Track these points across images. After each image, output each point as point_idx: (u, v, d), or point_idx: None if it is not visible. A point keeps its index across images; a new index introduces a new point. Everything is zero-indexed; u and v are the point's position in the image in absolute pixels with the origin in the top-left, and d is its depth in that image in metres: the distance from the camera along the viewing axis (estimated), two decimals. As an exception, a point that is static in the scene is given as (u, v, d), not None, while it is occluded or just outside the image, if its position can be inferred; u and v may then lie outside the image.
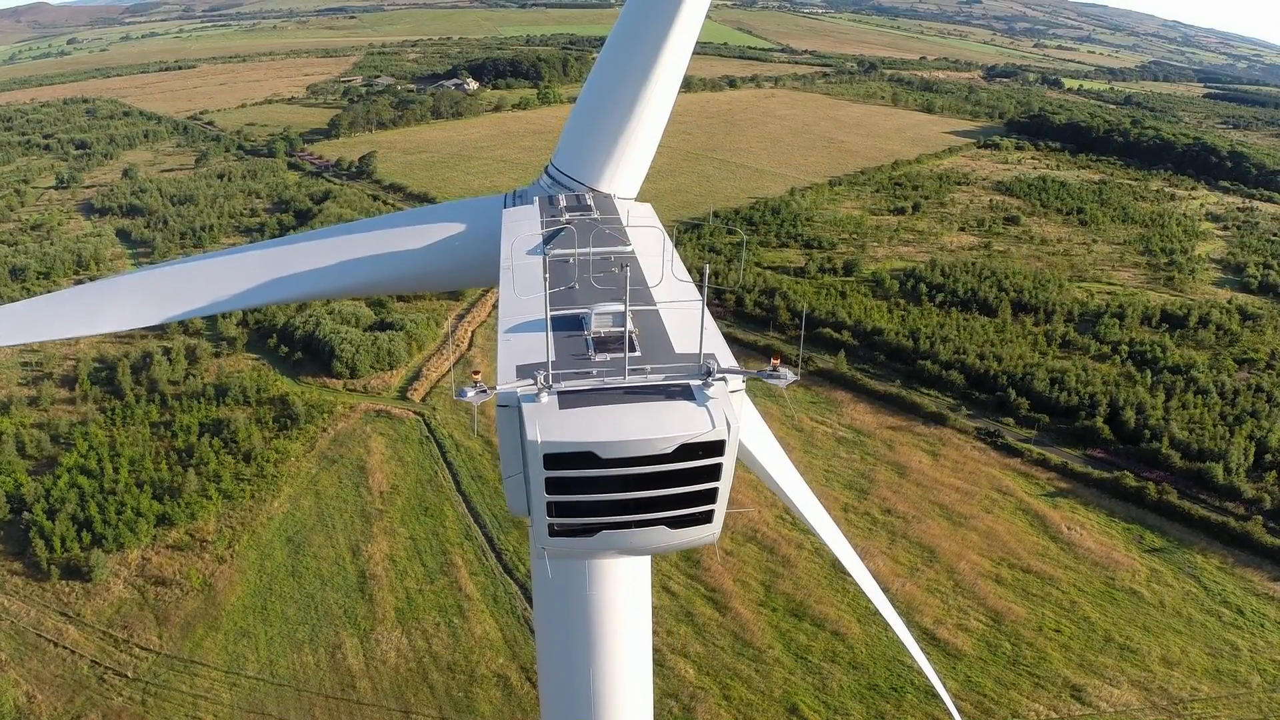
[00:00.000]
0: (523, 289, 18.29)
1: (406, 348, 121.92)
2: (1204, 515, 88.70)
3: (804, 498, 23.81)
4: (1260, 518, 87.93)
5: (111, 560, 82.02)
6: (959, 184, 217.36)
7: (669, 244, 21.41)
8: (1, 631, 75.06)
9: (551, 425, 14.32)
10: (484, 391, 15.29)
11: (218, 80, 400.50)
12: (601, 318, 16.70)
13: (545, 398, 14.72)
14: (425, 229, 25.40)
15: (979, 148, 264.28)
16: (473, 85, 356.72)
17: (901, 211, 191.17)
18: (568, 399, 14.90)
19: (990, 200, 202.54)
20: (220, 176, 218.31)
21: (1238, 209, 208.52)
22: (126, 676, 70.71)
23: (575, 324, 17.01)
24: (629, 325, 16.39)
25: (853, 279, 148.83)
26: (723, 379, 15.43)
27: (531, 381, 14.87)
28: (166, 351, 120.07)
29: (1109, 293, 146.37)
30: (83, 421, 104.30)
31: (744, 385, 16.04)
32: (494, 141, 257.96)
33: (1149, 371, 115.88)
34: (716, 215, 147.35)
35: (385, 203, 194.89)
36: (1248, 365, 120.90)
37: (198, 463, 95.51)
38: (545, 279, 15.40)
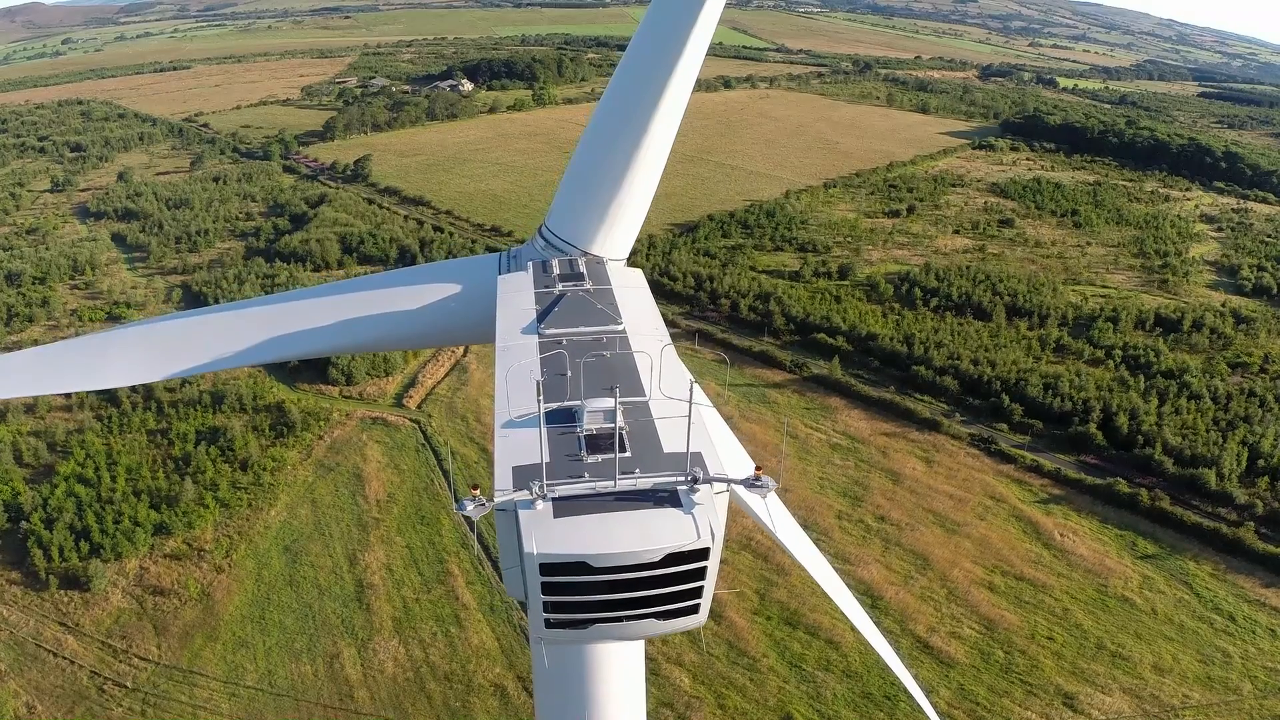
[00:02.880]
0: (517, 376, 18.82)
1: (402, 354, 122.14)
2: (1196, 522, 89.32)
3: (796, 538, 24.34)
4: (1252, 524, 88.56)
5: (110, 570, 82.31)
6: (954, 186, 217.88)
7: (661, 325, 21.87)
8: (1, 642, 75.39)
9: (546, 536, 15.10)
10: (483, 505, 16.00)
11: (213, 81, 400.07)
12: (593, 415, 17.28)
13: (540, 505, 15.47)
14: (422, 289, 25.95)
15: (974, 149, 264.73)
16: (468, 86, 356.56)
17: (896, 214, 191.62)
18: (562, 506, 15.61)
19: (985, 202, 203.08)
20: (215, 180, 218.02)
21: (1232, 210, 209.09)
22: (126, 687, 71.08)
23: (568, 418, 17.52)
24: (619, 421, 16.91)
25: (847, 283, 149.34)
26: (709, 483, 16.08)
27: (527, 490, 15.56)
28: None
29: (1103, 296, 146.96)
30: (79, 429, 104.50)
31: (727, 490, 16.63)
32: (489, 144, 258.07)
33: (1142, 376, 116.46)
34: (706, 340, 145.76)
35: (381, 206, 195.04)
36: (1241, 369, 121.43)
37: (195, 471, 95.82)
38: (539, 375, 15.86)
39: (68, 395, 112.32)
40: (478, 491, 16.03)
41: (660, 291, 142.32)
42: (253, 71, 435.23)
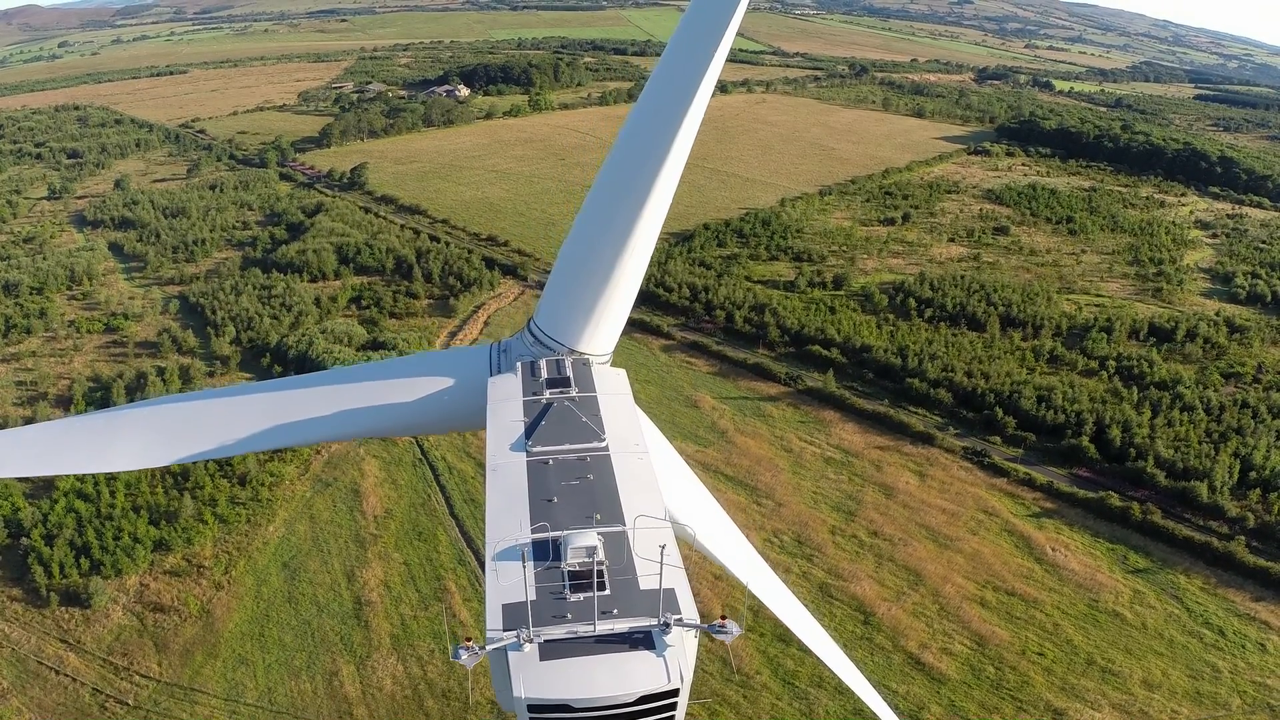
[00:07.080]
0: (507, 503, 20.04)
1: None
2: (1188, 535, 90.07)
3: (756, 567, 25.80)
4: (1243, 537, 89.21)
5: (110, 586, 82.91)
6: (949, 192, 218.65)
7: (642, 440, 22.83)
8: (3, 659, 76.02)
9: (533, 680, 16.58)
10: (475, 654, 17.70)
11: (209, 86, 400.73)
12: (576, 550, 18.48)
13: (528, 647, 16.94)
14: (416, 382, 27.18)
15: (969, 154, 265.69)
16: (464, 92, 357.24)
17: (891, 222, 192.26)
18: (547, 648, 17.06)
19: (980, 209, 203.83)
20: (212, 187, 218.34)
21: (1227, 215, 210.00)
22: (127, 704, 71.71)
23: (554, 552, 18.75)
24: (600, 556, 18.07)
25: (842, 293, 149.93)
26: (680, 622, 17.52)
27: (515, 634, 16.99)
28: (160, 371, 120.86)
29: (1097, 305, 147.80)
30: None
31: (696, 636, 17.89)
32: (485, 150, 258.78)
33: (1135, 388, 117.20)
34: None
35: (377, 215, 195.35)
36: (1234, 379, 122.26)
37: (193, 486, 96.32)
38: (527, 500, 16.89)
39: (66, 407, 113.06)
40: (470, 642, 17.34)
41: (655, 303, 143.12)
42: (249, 76, 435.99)
